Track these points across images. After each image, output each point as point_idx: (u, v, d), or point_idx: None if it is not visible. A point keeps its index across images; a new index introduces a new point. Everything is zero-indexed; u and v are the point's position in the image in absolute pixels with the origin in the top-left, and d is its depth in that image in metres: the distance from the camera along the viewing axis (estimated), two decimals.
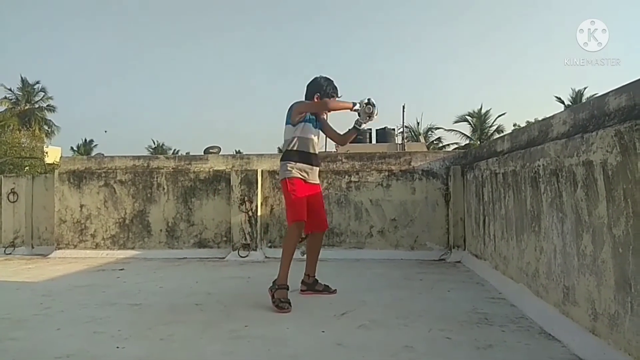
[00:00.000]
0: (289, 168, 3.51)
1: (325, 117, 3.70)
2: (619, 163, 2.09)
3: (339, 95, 3.66)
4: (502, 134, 19.58)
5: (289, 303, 3.24)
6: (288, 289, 3.35)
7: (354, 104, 3.50)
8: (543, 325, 2.77)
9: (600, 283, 2.27)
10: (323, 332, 2.76)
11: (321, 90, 3.60)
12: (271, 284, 3.41)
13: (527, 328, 2.78)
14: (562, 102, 33.76)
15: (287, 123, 3.57)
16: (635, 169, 1.96)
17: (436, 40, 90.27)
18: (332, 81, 3.66)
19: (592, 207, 2.35)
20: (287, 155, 3.56)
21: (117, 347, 2.50)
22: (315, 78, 3.66)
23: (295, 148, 3.53)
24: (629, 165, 2.00)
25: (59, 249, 6.11)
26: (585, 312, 2.42)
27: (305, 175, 3.55)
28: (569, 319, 2.60)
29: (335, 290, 3.78)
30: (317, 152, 3.61)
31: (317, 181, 3.67)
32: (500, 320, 2.94)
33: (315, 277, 3.79)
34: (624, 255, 2.05)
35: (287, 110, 3.59)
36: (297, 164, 3.52)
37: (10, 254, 6.34)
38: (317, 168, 3.65)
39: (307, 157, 3.56)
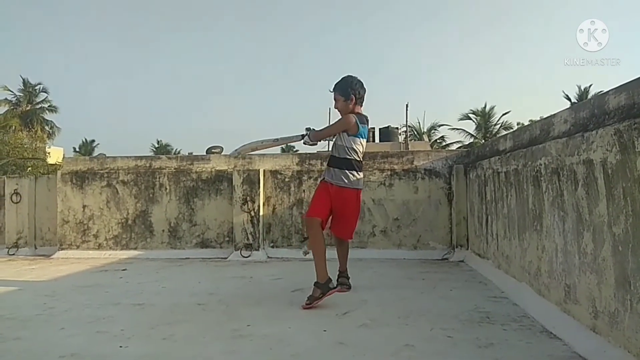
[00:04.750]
0: (349, 176, 3.58)
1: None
2: (618, 162, 2.09)
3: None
4: (504, 133, 19.49)
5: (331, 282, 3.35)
6: (330, 280, 3.38)
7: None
8: (544, 323, 2.77)
9: (600, 281, 2.28)
10: (325, 331, 2.77)
11: (356, 93, 3.62)
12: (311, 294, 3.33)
13: (528, 327, 2.78)
14: (569, 99, 33.64)
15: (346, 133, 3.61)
16: (634, 167, 1.96)
17: (441, 38, 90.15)
18: (362, 82, 3.66)
19: (592, 205, 2.35)
20: (343, 163, 3.59)
21: (120, 347, 2.52)
22: (348, 78, 3.65)
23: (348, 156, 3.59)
24: (629, 164, 2.01)
25: (62, 249, 6.14)
26: (586, 310, 2.43)
27: (344, 181, 3.58)
28: (570, 317, 2.61)
29: (349, 288, 3.83)
30: (359, 159, 3.63)
31: (359, 187, 3.66)
32: (502, 319, 2.94)
33: (344, 273, 3.91)
34: (623, 253, 2.06)
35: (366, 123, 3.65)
36: (350, 171, 3.58)
37: (13, 254, 6.36)
38: (360, 175, 3.65)
39: (350, 163, 3.60)
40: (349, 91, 3.58)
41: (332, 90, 3.65)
